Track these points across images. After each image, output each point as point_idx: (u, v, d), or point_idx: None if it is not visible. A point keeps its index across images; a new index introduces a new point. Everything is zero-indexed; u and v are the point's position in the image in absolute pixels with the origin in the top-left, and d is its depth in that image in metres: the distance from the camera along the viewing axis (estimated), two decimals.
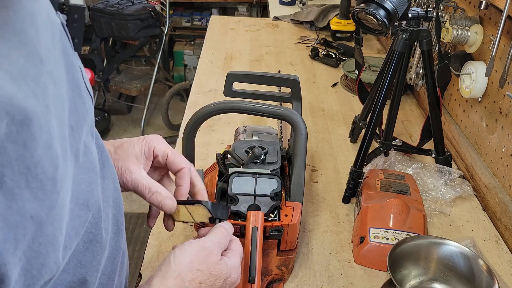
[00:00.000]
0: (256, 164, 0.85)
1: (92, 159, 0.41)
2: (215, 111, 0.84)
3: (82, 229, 0.40)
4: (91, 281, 0.42)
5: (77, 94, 0.40)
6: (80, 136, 0.40)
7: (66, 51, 0.39)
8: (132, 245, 2.35)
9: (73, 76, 0.39)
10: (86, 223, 0.40)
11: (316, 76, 1.74)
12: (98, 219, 0.42)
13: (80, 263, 0.40)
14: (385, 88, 1.04)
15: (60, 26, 0.39)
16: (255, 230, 0.76)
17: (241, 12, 3.83)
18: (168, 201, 0.61)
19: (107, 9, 2.98)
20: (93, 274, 0.42)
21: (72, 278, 0.40)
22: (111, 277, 0.48)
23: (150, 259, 0.91)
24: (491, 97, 1.11)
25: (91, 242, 0.41)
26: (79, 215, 0.39)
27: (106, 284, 0.47)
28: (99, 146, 0.47)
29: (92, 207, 0.40)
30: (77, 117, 0.39)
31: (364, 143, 1.06)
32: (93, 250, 0.42)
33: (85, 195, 0.39)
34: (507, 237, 1.01)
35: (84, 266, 0.41)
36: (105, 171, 0.47)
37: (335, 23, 2.04)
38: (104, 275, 0.46)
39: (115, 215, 0.48)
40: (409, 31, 1.00)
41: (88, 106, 0.42)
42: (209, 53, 1.90)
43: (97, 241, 0.42)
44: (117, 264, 0.49)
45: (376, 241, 0.89)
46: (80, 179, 0.39)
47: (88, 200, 0.40)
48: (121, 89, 3.35)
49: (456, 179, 1.12)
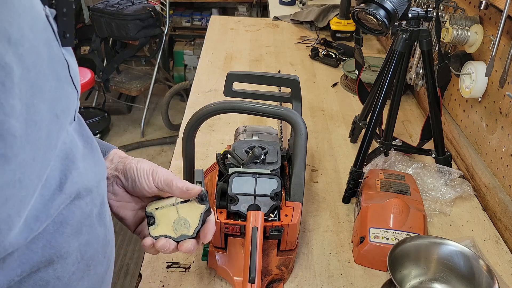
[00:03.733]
0: (256, 164, 0.85)
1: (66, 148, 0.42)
2: (215, 111, 0.84)
3: (54, 212, 0.40)
4: (60, 262, 0.43)
5: (59, 87, 0.41)
6: (64, 126, 0.41)
7: (49, 43, 0.39)
8: (132, 245, 2.35)
9: (54, 68, 0.40)
10: (60, 206, 0.41)
11: (316, 76, 1.74)
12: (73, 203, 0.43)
13: (49, 243, 0.41)
14: (385, 88, 1.04)
15: (44, 18, 0.39)
16: (255, 230, 0.76)
17: (241, 12, 3.83)
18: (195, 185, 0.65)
19: (107, 9, 2.98)
20: (62, 256, 0.43)
21: (40, 258, 0.40)
22: (90, 265, 0.48)
23: (150, 259, 0.91)
24: (491, 97, 1.11)
25: (62, 224, 0.42)
26: (52, 198, 0.40)
27: (84, 270, 0.47)
28: (88, 137, 0.49)
29: (67, 191, 0.41)
30: (61, 107, 0.40)
31: (364, 143, 1.06)
32: (64, 232, 0.42)
33: (57, 180, 0.40)
34: (507, 237, 1.01)
35: (53, 247, 0.41)
36: (95, 160, 0.48)
37: (335, 23, 2.04)
38: (83, 260, 0.46)
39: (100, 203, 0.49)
40: (409, 31, 1.00)
41: (71, 100, 0.43)
42: (209, 53, 1.90)
43: (69, 223, 0.43)
44: (97, 252, 0.49)
45: (376, 241, 0.89)
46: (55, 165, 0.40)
47: (61, 184, 0.41)
48: (121, 89, 3.35)
49: (456, 179, 1.12)
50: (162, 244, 0.62)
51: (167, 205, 0.66)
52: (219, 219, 0.80)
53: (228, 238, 0.82)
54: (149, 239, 0.64)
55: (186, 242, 0.63)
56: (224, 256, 0.84)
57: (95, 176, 0.48)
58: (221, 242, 0.83)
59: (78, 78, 0.46)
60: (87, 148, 0.48)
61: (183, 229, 0.64)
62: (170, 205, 0.66)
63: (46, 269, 0.42)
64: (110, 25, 3.00)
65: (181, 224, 0.65)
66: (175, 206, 0.65)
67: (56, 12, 0.41)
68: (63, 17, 0.42)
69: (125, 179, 0.65)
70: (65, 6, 0.42)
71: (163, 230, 0.64)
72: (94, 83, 3.05)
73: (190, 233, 0.64)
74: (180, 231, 0.64)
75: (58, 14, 0.41)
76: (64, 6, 0.42)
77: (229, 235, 0.82)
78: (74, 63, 0.45)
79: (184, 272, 0.88)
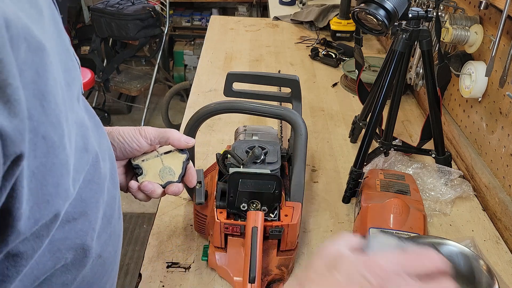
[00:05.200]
0: (256, 164, 0.85)
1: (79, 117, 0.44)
2: (215, 111, 0.84)
3: (85, 167, 0.44)
4: (92, 215, 0.46)
5: (69, 58, 0.43)
6: (74, 95, 0.43)
7: (55, 18, 0.41)
8: (132, 245, 2.35)
9: (63, 40, 0.42)
10: (87, 165, 0.44)
11: (316, 76, 1.74)
12: (96, 163, 0.46)
13: (80, 197, 0.44)
14: (385, 88, 1.04)
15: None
16: (255, 230, 0.76)
17: (241, 12, 3.83)
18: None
19: (107, 9, 2.98)
20: (92, 210, 0.46)
21: (73, 209, 0.43)
22: (110, 221, 0.52)
23: (150, 259, 0.91)
24: (491, 97, 1.11)
25: (89, 181, 0.45)
26: (81, 157, 0.43)
27: (106, 226, 0.51)
28: (91, 111, 0.51)
29: (90, 152, 0.45)
30: (70, 77, 0.42)
31: (364, 143, 1.06)
32: (92, 188, 0.46)
33: (81, 142, 0.43)
34: (507, 237, 1.01)
35: (84, 201, 0.45)
36: (100, 132, 0.51)
37: (335, 23, 2.04)
38: (105, 217, 0.50)
39: (110, 169, 0.52)
40: (409, 31, 1.00)
41: (77, 71, 0.45)
42: (209, 53, 1.90)
43: (95, 182, 0.46)
44: (114, 211, 0.53)
45: None
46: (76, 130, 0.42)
47: (86, 145, 0.44)
48: (121, 89, 3.35)
49: (456, 179, 1.12)
50: (145, 185, 0.71)
51: (152, 157, 0.73)
52: (219, 219, 0.80)
53: (228, 238, 0.82)
54: (135, 183, 0.72)
55: (172, 186, 0.73)
56: (224, 256, 0.84)
57: (103, 144, 0.51)
58: (221, 242, 0.83)
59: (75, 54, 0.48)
60: (91, 121, 0.50)
61: (169, 176, 0.73)
62: (155, 157, 0.73)
63: (82, 220, 0.45)
64: (110, 25, 3.00)
65: (166, 172, 0.73)
66: (159, 157, 0.74)
67: None
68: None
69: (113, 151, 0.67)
70: None
71: (151, 178, 0.73)
72: (94, 83, 3.05)
73: (176, 179, 0.74)
74: (166, 178, 0.73)
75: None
76: None
77: (229, 235, 0.82)
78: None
79: (184, 272, 0.88)
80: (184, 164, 0.74)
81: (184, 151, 0.74)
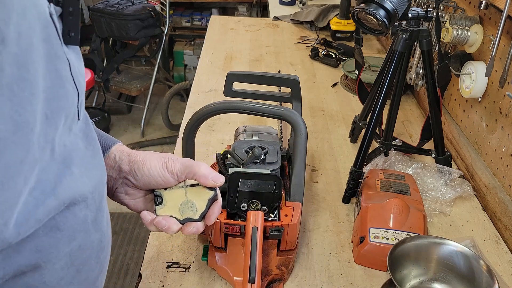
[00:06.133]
0: (256, 164, 0.85)
1: (65, 152, 0.41)
2: (215, 111, 0.84)
3: (45, 216, 0.39)
4: (47, 267, 0.42)
5: (58, 85, 0.40)
6: (57, 126, 0.40)
7: (50, 41, 0.39)
8: (132, 245, 2.35)
9: (55, 67, 0.39)
10: (53, 211, 0.40)
11: (316, 76, 1.74)
12: (67, 209, 0.42)
13: (36, 248, 0.40)
14: (385, 88, 1.04)
15: (48, 16, 0.39)
16: (255, 230, 0.76)
17: (241, 12, 3.83)
18: None
19: (107, 9, 2.98)
20: (50, 261, 0.42)
21: (26, 261, 0.39)
22: (81, 269, 0.47)
23: (150, 259, 0.91)
24: (491, 97, 1.11)
25: (52, 229, 0.41)
26: (45, 202, 0.39)
27: (74, 276, 0.46)
28: (92, 138, 0.48)
29: (61, 196, 0.41)
30: (55, 107, 0.39)
31: (364, 143, 1.06)
32: (54, 236, 0.41)
33: (52, 184, 0.39)
34: (507, 237, 1.01)
35: (39, 251, 0.40)
36: (95, 163, 0.47)
37: (335, 23, 2.04)
38: (73, 266, 0.45)
39: (97, 210, 0.48)
40: (409, 31, 1.00)
41: (71, 99, 0.42)
42: (209, 53, 1.90)
43: (60, 229, 0.42)
44: (89, 257, 0.48)
45: (376, 241, 0.89)
46: (50, 168, 0.39)
47: (56, 189, 0.40)
48: (121, 89, 3.35)
49: (456, 179, 1.12)
50: (158, 221, 0.62)
51: (176, 187, 0.65)
52: (219, 219, 0.80)
53: (228, 238, 0.82)
54: (148, 214, 0.63)
55: (191, 225, 0.63)
56: (224, 256, 0.84)
57: (90, 182, 0.47)
58: (221, 242, 0.83)
59: (82, 78, 0.45)
60: (89, 150, 0.47)
61: (189, 212, 0.64)
62: (179, 187, 0.65)
63: (33, 274, 0.41)
64: (110, 25, 3.00)
65: (188, 207, 0.65)
66: (184, 188, 0.65)
67: (62, 10, 0.41)
68: (69, 16, 0.41)
69: (135, 179, 0.63)
70: (72, 5, 0.41)
71: (170, 210, 0.64)
72: (94, 83, 3.05)
73: (196, 217, 0.64)
74: (186, 213, 0.64)
75: (64, 13, 0.41)
76: (71, 5, 0.41)
77: (229, 235, 0.82)
78: (77, 62, 0.44)
79: (184, 272, 0.88)
80: (209, 202, 0.65)
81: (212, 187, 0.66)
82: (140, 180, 0.63)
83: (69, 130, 0.43)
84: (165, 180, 0.64)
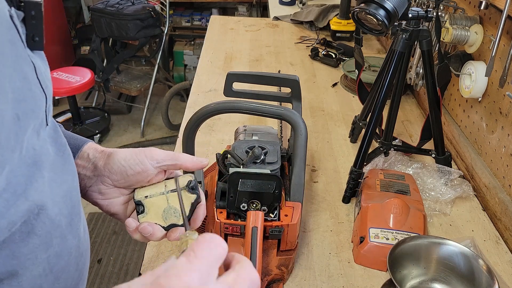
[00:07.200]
0: (256, 164, 0.85)
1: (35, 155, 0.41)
2: (215, 111, 0.84)
3: (19, 219, 0.39)
4: (25, 275, 0.41)
5: (26, 87, 0.39)
6: (26, 128, 0.39)
7: (14, 43, 0.38)
8: (132, 245, 2.35)
9: (21, 68, 0.39)
10: (26, 214, 0.39)
11: (316, 76, 1.74)
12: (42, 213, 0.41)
13: (12, 254, 0.39)
14: (385, 88, 1.04)
15: (8, 18, 0.38)
16: (255, 230, 0.76)
17: (241, 12, 3.84)
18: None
19: (107, 9, 2.98)
20: (27, 268, 0.41)
21: (2, 268, 0.39)
22: (59, 276, 0.46)
23: (150, 259, 0.91)
24: (491, 97, 1.11)
25: (29, 234, 0.40)
26: (16, 204, 0.38)
27: (53, 283, 0.45)
28: (61, 144, 0.47)
29: (32, 199, 0.40)
30: (24, 108, 0.38)
31: (364, 143, 1.06)
32: (31, 242, 0.41)
33: (23, 186, 0.39)
34: (507, 237, 1.01)
35: (16, 258, 0.40)
36: (65, 168, 0.46)
37: (335, 23, 2.04)
38: (52, 273, 0.44)
39: (69, 213, 0.47)
40: (409, 31, 1.00)
41: (39, 102, 0.42)
42: (209, 53, 1.90)
43: (37, 234, 0.41)
44: (69, 264, 0.47)
45: (376, 241, 0.89)
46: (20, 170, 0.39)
47: (27, 191, 0.39)
48: (121, 89, 3.35)
49: (456, 179, 1.12)
50: (143, 227, 0.61)
51: (157, 194, 0.64)
52: (219, 219, 0.80)
53: (228, 238, 0.82)
54: (133, 221, 0.62)
55: (175, 231, 0.62)
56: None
57: (61, 186, 0.46)
58: None
59: (49, 83, 0.44)
60: (59, 155, 0.46)
61: (173, 218, 0.63)
62: (160, 194, 0.64)
63: (10, 281, 0.40)
64: (110, 25, 3.00)
65: (171, 213, 0.63)
66: (165, 195, 0.64)
67: (24, 14, 0.40)
68: (31, 20, 0.40)
69: (111, 174, 0.62)
70: (34, 9, 0.41)
71: (152, 218, 0.63)
72: (94, 83, 3.05)
73: (180, 222, 0.63)
74: (170, 219, 0.63)
75: (26, 17, 0.40)
76: (33, 9, 0.40)
77: (229, 235, 0.82)
78: (43, 66, 0.43)
79: None
80: (192, 205, 0.63)
81: (194, 190, 0.63)
82: (117, 171, 0.61)
83: (37, 134, 0.42)
84: (143, 168, 0.61)
